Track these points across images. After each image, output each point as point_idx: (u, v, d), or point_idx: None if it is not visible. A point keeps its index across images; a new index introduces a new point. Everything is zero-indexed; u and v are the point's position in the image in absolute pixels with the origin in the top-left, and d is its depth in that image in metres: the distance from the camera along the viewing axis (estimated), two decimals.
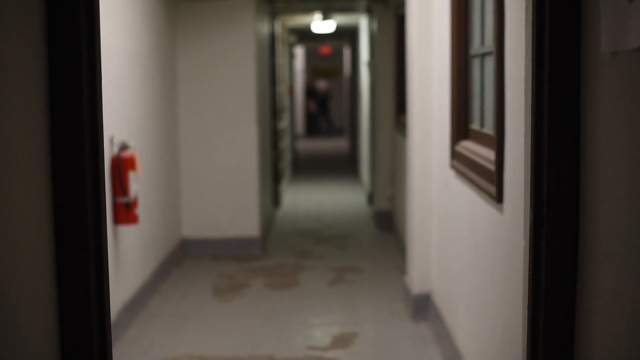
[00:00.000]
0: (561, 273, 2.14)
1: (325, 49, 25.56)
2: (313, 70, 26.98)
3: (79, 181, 2.14)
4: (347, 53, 21.80)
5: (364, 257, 8.62)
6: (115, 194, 5.85)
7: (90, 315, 2.19)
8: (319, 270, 7.99)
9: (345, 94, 24.23)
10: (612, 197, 1.94)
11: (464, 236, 4.78)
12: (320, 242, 9.45)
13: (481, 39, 4.56)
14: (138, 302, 6.52)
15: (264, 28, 9.87)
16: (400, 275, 7.45)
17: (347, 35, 17.54)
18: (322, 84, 26.58)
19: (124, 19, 6.38)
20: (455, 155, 4.99)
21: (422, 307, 6.18)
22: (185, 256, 8.60)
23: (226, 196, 8.74)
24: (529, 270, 2.22)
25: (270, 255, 8.69)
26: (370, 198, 11.55)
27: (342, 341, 5.83)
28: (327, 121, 27.11)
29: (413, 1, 6.05)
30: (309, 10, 11.75)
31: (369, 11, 11.10)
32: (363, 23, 13.13)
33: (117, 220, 5.89)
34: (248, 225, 8.76)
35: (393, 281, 7.44)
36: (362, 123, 14.07)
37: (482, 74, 4.53)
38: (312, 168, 17.90)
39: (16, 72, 1.96)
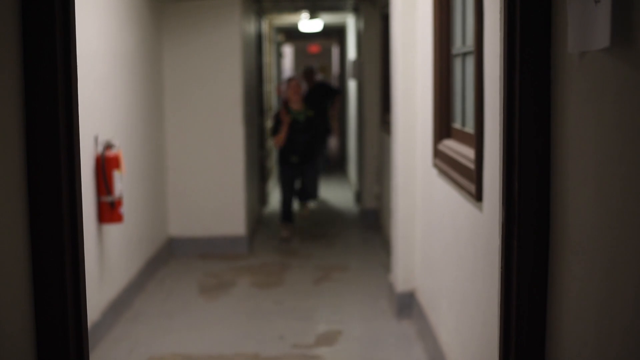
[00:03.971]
0: (532, 271, 2.17)
1: (314, 48, 25.53)
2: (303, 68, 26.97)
3: (54, 181, 2.16)
4: (335, 52, 21.81)
5: (351, 256, 8.64)
6: (99, 193, 5.86)
7: (66, 313, 2.20)
8: (305, 268, 8.01)
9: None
10: (580, 195, 1.96)
11: (447, 234, 4.81)
12: (306, 240, 9.46)
13: (462, 39, 4.58)
14: (123, 301, 6.53)
15: (251, 27, 9.88)
16: (385, 273, 7.47)
17: (335, 34, 17.56)
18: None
19: (108, 19, 6.38)
20: (437, 153, 5.01)
21: (406, 305, 6.20)
22: (171, 255, 8.61)
23: (212, 195, 8.75)
24: (500, 268, 2.25)
25: (256, 254, 8.71)
26: (358, 196, 11.57)
27: (327, 339, 5.85)
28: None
29: (397, 0, 6.07)
30: (296, 9, 11.77)
31: (356, 10, 11.12)
32: (350, 22, 13.15)
33: (101, 219, 5.89)
34: (234, 224, 8.77)
35: (378, 279, 7.46)
36: (350, 121, 14.09)
37: (464, 73, 4.55)
38: None
39: None
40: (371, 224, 10.21)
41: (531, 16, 2.09)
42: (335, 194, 13.28)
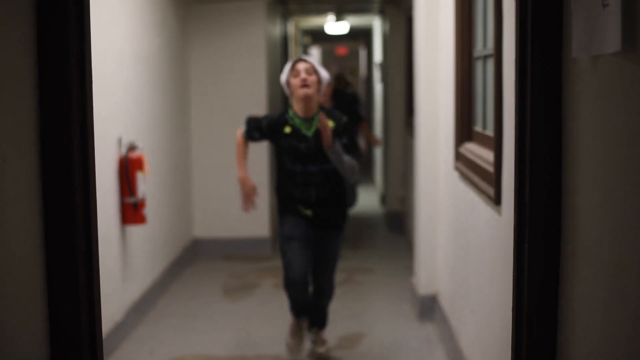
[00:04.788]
0: (543, 275, 2.16)
1: (341, 50, 25.52)
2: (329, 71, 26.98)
3: (67, 182, 2.18)
4: (363, 54, 21.80)
5: (374, 258, 8.64)
6: (123, 194, 5.90)
7: (79, 314, 2.22)
8: None
9: (361, 95, 24.22)
10: (591, 199, 1.96)
11: (468, 238, 4.80)
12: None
13: (483, 41, 4.57)
14: (147, 302, 6.56)
15: (276, 29, 9.90)
16: (409, 276, 7.46)
17: (362, 36, 17.55)
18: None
19: (134, 21, 6.42)
20: (459, 157, 5.00)
21: (429, 309, 6.19)
22: (196, 256, 8.64)
23: (237, 196, 8.76)
24: (513, 272, 2.24)
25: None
26: (383, 199, 11.56)
27: (349, 341, 5.85)
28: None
29: (420, 3, 6.06)
30: (322, 11, 11.78)
31: (382, 12, 11.12)
32: (376, 24, 13.14)
33: (125, 221, 5.93)
34: (259, 225, 8.79)
35: (402, 282, 7.45)
36: (377, 124, 14.08)
37: (484, 76, 4.54)
38: None
39: (4, 75, 1.99)
40: (396, 227, 10.20)
41: (542, 20, 2.09)
42: (361, 196, 13.27)
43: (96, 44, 5.38)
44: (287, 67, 5.22)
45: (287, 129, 5.12)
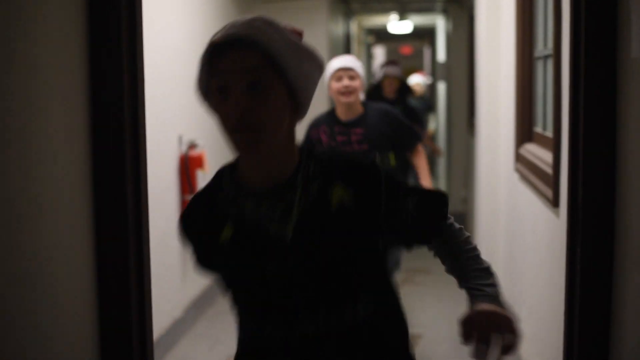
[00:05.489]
0: (596, 279, 2.12)
1: (406, 49, 25.44)
2: None
3: (119, 180, 2.20)
4: (427, 53, 21.69)
5: (435, 259, 8.55)
6: (183, 191, 5.95)
7: (129, 311, 2.25)
8: None
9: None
10: None
11: (526, 240, 4.74)
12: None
13: (544, 41, 4.51)
14: (206, 299, 6.61)
15: (338, 28, 9.90)
16: None
17: (426, 35, 17.47)
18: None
19: (196, 20, 6.48)
20: (519, 158, 4.94)
21: None
22: None
23: None
24: (565, 275, 2.21)
25: None
26: None
27: None
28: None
29: (482, 2, 6.01)
30: (386, 10, 11.75)
31: (445, 11, 11.05)
32: (440, 23, 13.06)
33: None
34: None
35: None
36: (440, 124, 14.00)
37: (545, 76, 4.48)
38: None
39: (55, 72, 2.02)
40: None
41: (596, 20, 2.05)
42: None
43: (159, 43, 5.46)
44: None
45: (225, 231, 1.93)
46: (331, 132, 4.91)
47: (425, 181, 4.90)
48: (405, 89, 8.45)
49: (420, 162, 5.04)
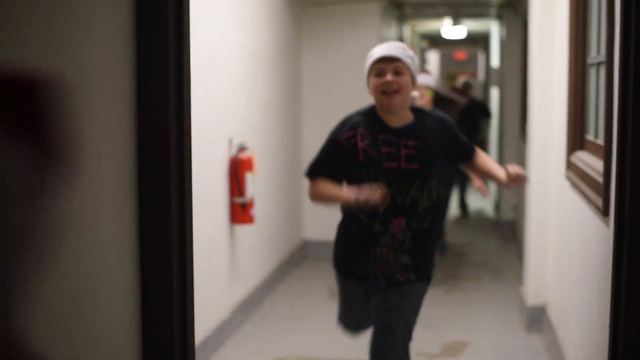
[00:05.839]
0: None
1: (460, 55, 25.29)
2: (448, 75, 26.76)
3: (163, 180, 2.21)
4: (481, 59, 21.55)
5: (484, 266, 8.51)
6: (232, 194, 5.98)
7: (171, 310, 2.26)
8: (437, 277, 7.91)
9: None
10: None
11: (576, 249, 4.68)
12: (440, 248, 9.37)
13: (597, 48, 4.45)
14: (253, 301, 6.63)
15: (391, 32, 9.87)
16: (518, 285, 7.33)
17: (481, 40, 17.36)
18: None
19: (247, 21, 6.51)
20: (570, 165, 4.88)
21: (537, 319, 6.06)
22: (305, 257, 8.69)
23: None
24: (611, 285, 2.17)
25: None
26: (497, 207, 11.39)
27: (452, 349, 5.78)
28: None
29: (535, 7, 5.95)
30: (439, 15, 11.69)
31: (499, 17, 10.96)
32: (494, 29, 12.97)
33: (233, 220, 6.02)
34: None
35: (511, 291, 7.32)
36: (492, 130, 13.89)
37: (598, 83, 4.42)
38: None
39: (101, 74, 2.04)
40: (508, 235, 10.04)
41: None
42: (474, 202, 13.11)
43: (209, 44, 5.49)
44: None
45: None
46: (373, 139, 3.71)
47: (501, 172, 3.86)
48: (442, 101, 8.35)
49: (485, 161, 4.00)
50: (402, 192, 3.69)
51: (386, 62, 3.69)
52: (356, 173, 3.72)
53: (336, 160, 3.78)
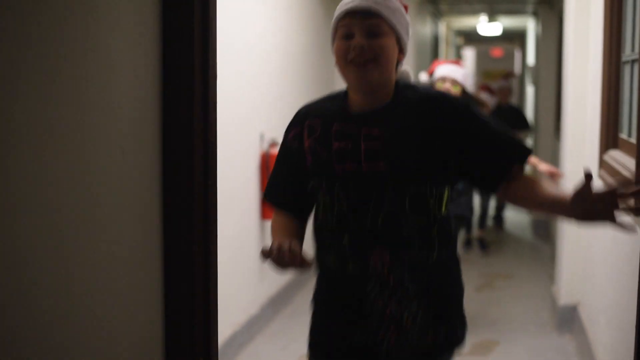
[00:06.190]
0: None
1: (497, 52, 25.12)
2: (484, 73, 26.60)
3: (187, 175, 2.21)
4: (518, 56, 21.40)
5: (517, 265, 8.46)
6: (263, 189, 5.97)
7: (194, 306, 2.25)
8: (469, 275, 7.88)
9: (515, 98, 23.73)
10: None
11: (608, 249, 4.62)
12: (472, 246, 9.32)
13: (632, 45, 4.39)
14: (283, 297, 6.63)
15: (426, 29, 9.82)
16: (551, 285, 7.27)
17: (517, 37, 17.24)
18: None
19: (281, 17, 6.50)
20: (602, 164, 4.82)
21: (568, 319, 6.00)
22: None
23: None
24: (638, 286, 2.13)
25: None
26: None
27: (482, 348, 5.74)
28: None
29: (571, 4, 5.89)
30: (475, 12, 11.62)
31: (535, 14, 10.88)
32: (530, 26, 12.86)
33: (264, 215, 6.02)
34: None
35: (543, 290, 7.27)
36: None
37: (632, 81, 4.36)
38: None
39: (126, 68, 2.04)
40: (542, 234, 9.96)
41: None
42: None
43: (241, 38, 5.49)
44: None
45: None
46: (324, 132, 2.52)
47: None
48: (505, 108, 7.95)
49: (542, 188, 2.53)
50: (369, 207, 2.43)
51: (357, 18, 2.42)
52: (311, 186, 2.55)
53: (290, 174, 2.62)
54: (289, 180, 2.62)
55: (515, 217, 11.46)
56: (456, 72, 5.62)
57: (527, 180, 2.48)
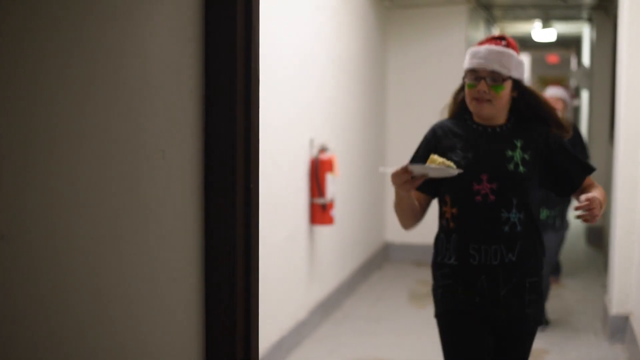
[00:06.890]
0: None
1: (552, 58, 24.84)
2: (540, 79, 26.31)
3: (229, 178, 2.22)
4: (574, 63, 21.14)
5: (569, 273, 8.35)
6: (312, 194, 5.99)
7: (235, 313, 2.26)
8: None
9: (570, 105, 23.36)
10: None
11: None
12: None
13: None
14: (332, 302, 6.63)
15: (479, 35, 9.76)
16: (603, 294, 7.16)
17: (573, 44, 17.04)
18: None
19: (330, 23, 6.51)
20: None
21: (620, 329, 5.91)
22: (386, 260, 8.65)
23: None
24: None
25: None
26: None
27: (533, 357, 5.65)
28: None
29: (624, 9, 5.81)
30: (529, 17, 11.50)
31: (590, 20, 10.74)
32: (585, 32, 12.70)
33: (313, 221, 6.03)
34: None
35: (595, 299, 7.17)
36: (581, 134, 13.61)
37: None
38: None
39: (167, 71, 2.05)
40: (595, 242, 9.83)
41: None
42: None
43: (291, 43, 5.51)
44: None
45: None
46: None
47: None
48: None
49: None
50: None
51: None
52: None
53: None
54: None
55: (570, 226, 11.31)
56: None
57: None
